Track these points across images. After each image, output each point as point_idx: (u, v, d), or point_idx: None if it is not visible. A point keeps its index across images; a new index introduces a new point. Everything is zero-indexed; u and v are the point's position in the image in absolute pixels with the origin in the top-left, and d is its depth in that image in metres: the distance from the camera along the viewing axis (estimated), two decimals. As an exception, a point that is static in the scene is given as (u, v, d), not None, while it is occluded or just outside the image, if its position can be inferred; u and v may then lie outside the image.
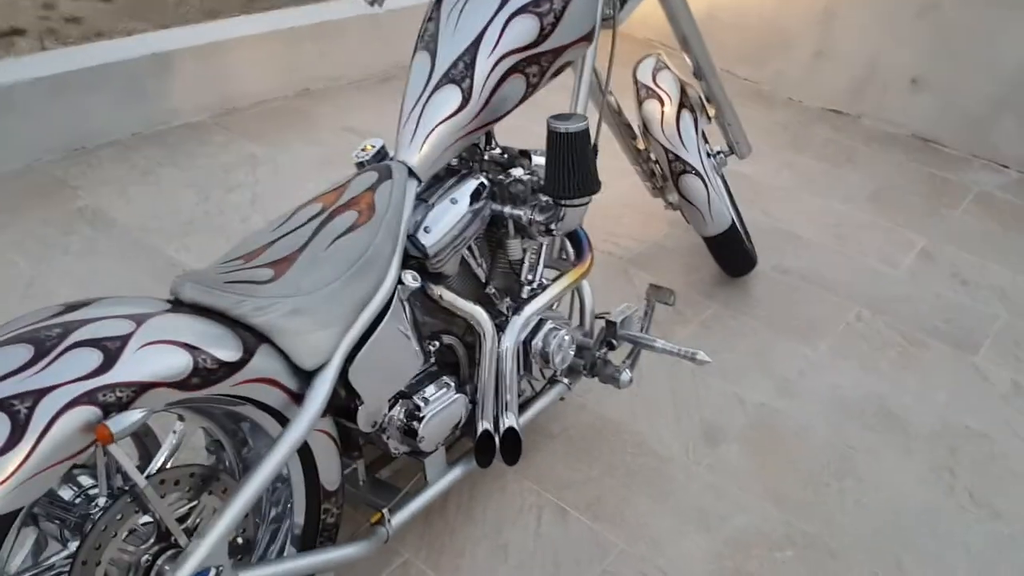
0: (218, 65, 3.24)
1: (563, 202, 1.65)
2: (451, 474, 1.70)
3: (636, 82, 2.42)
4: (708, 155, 2.49)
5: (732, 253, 2.54)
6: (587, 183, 1.62)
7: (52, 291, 2.34)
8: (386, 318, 1.45)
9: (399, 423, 1.58)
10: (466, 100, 1.59)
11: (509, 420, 1.71)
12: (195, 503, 1.27)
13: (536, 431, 2.03)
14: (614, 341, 1.93)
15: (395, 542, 1.70)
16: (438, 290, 1.62)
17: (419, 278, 1.50)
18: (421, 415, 1.58)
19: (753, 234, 2.74)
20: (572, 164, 1.60)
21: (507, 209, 1.69)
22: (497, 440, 1.71)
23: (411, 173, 1.56)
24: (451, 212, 1.61)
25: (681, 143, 2.32)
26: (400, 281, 1.48)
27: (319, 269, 1.37)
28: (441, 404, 1.61)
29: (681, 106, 2.35)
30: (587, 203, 1.68)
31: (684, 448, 2.04)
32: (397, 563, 1.71)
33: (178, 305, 1.27)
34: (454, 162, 1.77)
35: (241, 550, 1.34)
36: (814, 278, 2.71)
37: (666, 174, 2.38)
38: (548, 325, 1.79)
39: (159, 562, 1.22)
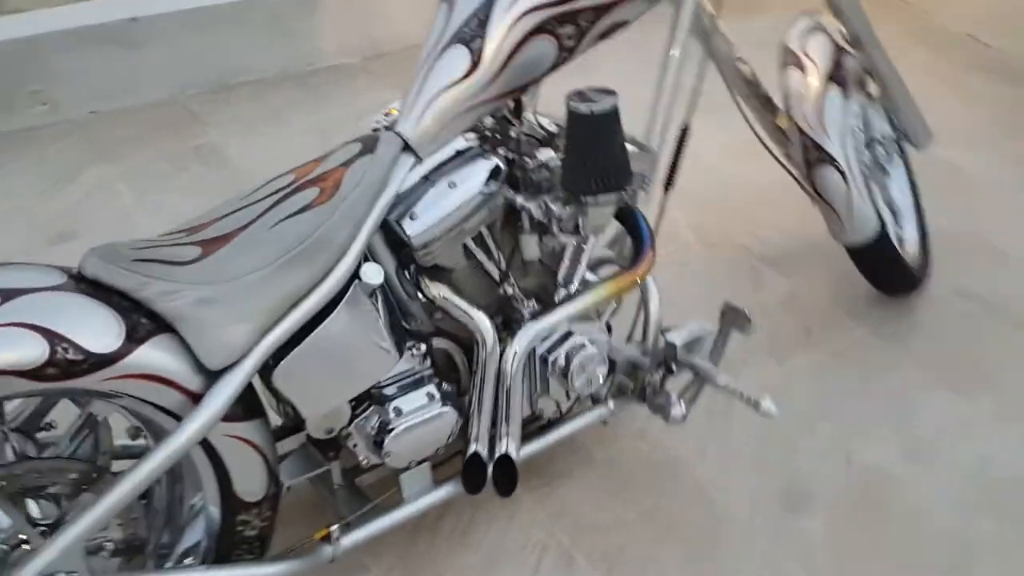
0: (371, 5, 3.12)
1: (582, 198, 1.34)
2: (432, 495, 1.48)
3: (782, 46, 1.99)
4: (871, 142, 2.01)
5: (880, 268, 2.05)
6: (608, 177, 1.30)
7: (148, 226, 2.34)
8: (333, 315, 1.24)
9: (367, 432, 1.39)
10: (475, 64, 1.32)
11: (506, 446, 1.46)
12: (72, 498, 1.15)
13: (572, 452, 1.74)
14: (673, 365, 1.60)
15: (366, 554, 1.52)
16: (436, 288, 1.39)
17: (382, 273, 1.28)
18: (391, 427, 1.37)
19: (943, 242, 2.21)
20: (592, 153, 1.29)
21: (519, 199, 1.41)
22: (489, 468, 1.46)
23: (407, 147, 1.33)
24: (448, 198, 1.36)
25: (821, 125, 1.87)
26: (357, 275, 1.26)
27: (253, 252, 1.20)
28: (418, 417, 1.40)
29: (830, 79, 1.89)
30: (612, 202, 1.36)
31: (751, 507, 1.66)
32: (362, 579, 1.53)
33: (78, 280, 1.14)
34: (487, 135, 1.51)
35: (131, 551, 1.22)
36: (1003, 309, 2.14)
37: (799, 162, 1.94)
38: (575, 339, 1.50)
39: (12, 556, 1.12)
